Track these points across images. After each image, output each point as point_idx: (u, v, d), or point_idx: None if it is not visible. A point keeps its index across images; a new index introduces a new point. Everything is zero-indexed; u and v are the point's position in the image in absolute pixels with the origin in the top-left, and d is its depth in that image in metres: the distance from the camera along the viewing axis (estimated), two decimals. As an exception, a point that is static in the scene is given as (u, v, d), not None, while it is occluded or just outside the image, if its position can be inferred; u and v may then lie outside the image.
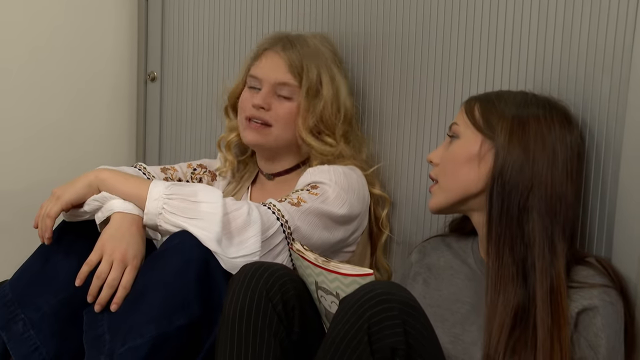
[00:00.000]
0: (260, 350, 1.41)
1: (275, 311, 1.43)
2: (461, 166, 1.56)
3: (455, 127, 1.59)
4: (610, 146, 1.58)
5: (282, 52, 1.83)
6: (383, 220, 1.91)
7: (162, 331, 1.48)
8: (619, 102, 1.56)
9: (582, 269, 1.51)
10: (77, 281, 1.55)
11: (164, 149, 2.41)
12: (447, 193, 1.59)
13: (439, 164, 1.61)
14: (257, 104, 1.82)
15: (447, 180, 1.59)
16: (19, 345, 1.58)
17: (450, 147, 1.59)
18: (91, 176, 1.64)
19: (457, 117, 1.60)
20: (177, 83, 2.35)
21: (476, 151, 1.54)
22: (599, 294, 1.46)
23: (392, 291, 1.32)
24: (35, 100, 2.24)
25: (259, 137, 1.84)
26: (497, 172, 1.51)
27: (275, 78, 1.83)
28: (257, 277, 1.43)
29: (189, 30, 2.31)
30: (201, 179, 1.97)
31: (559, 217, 1.49)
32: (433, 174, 1.62)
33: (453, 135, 1.59)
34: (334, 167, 1.81)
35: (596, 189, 1.61)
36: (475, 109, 1.56)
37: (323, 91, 1.83)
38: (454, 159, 1.57)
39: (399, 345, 1.28)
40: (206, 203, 1.57)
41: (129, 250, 1.56)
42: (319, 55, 1.86)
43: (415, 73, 1.87)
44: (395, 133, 1.93)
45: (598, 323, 1.44)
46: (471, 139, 1.55)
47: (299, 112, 1.83)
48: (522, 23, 1.69)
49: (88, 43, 2.33)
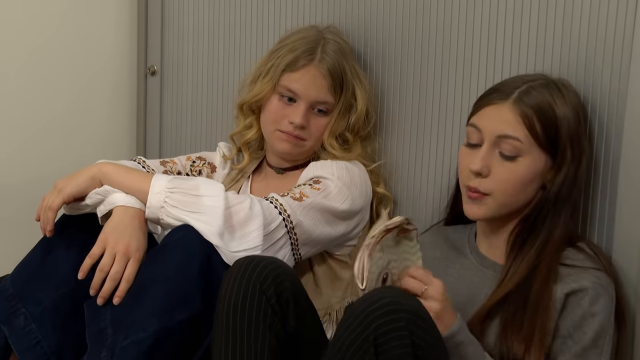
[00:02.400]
0: (256, 342, 1.41)
1: (270, 304, 1.42)
2: (526, 186, 1.51)
3: (517, 144, 1.49)
4: (610, 137, 1.58)
5: (324, 71, 1.80)
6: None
7: (163, 325, 1.48)
8: (619, 92, 1.56)
9: (574, 253, 1.52)
10: (80, 274, 1.56)
11: (165, 142, 2.41)
12: (501, 208, 1.53)
13: (488, 176, 1.51)
14: (299, 123, 1.80)
15: (506, 198, 1.52)
16: (20, 339, 1.58)
17: (513, 165, 1.50)
18: (94, 169, 1.64)
19: (512, 129, 1.49)
20: (177, 77, 2.35)
21: (540, 170, 1.51)
22: (589, 276, 1.47)
23: (400, 300, 1.29)
24: (36, 95, 2.24)
25: (294, 149, 1.84)
26: (556, 189, 1.51)
27: (316, 96, 1.81)
28: (251, 271, 1.43)
29: (188, 23, 2.30)
30: (200, 172, 1.97)
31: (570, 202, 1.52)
32: (483, 189, 1.52)
33: (515, 154, 1.50)
34: (336, 162, 1.82)
35: (597, 180, 1.61)
36: (536, 124, 1.49)
37: (358, 105, 1.84)
38: (521, 180, 1.50)
39: (406, 357, 1.26)
40: (208, 197, 1.57)
41: (132, 243, 1.56)
42: (349, 61, 1.85)
43: (416, 69, 1.87)
44: (396, 131, 1.92)
45: (586, 304, 1.45)
46: (537, 159, 1.51)
47: (330, 124, 1.83)
48: (523, 14, 1.68)
49: (88, 38, 2.33)
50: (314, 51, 1.81)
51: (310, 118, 1.82)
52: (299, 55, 1.81)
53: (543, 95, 1.51)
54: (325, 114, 1.83)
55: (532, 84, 1.53)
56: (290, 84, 1.81)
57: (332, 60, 1.81)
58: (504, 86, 1.56)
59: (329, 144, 1.83)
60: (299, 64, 1.81)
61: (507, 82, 1.58)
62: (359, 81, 1.85)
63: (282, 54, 1.83)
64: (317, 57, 1.81)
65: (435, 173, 1.85)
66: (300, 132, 1.82)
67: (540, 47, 1.66)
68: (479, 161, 1.51)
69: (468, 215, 1.56)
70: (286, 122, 1.82)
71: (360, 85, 1.85)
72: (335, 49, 1.82)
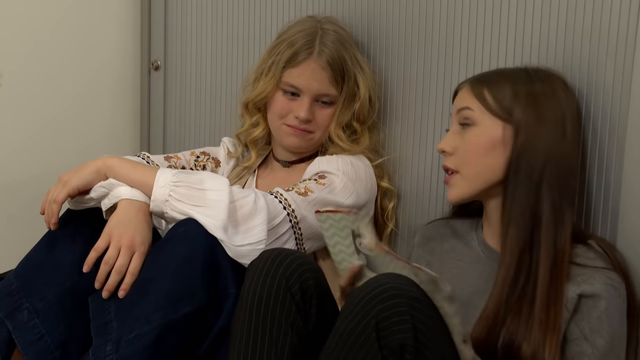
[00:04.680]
0: (277, 339, 1.41)
1: (294, 300, 1.41)
2: (484, 154, 1.52)
3: (468, 112, 1.55)
4: (614, 131, 1.58)
5: (324, 63, 1.80)
6: (389, 212, 1.92)
7: (168, 318, 1.48)
8: (623, 85, 1.56)
9: (584, 250, 1.51)
10: (85, 267, 1.56)
11: (168, 137, 2.41)
12: (471, 183, 1.55)
13: (453, 154, 1.56)
14: (304, 117, 1.81)
15: (470, 170, 1.54)
16: (24, 333, 1.58)
17: (466, 135, 1.55)
18: (99, 162, 1.65)
19: (466, 101, 1.56)
20: (180, 72, 2.35)
21: (499, 137, 1.52)
22: (601, 277, 1.46)
23: (401, 286, 1.29)
24: (39, 91, 2.24)
25: (303, 143, 1.86)
26: (516, 154, 1.50)
27: (318, 89, 1.82)
28: (277, 265, 1.42)
29: (192, 18, 2.30)
30: (205, 167, 1.97)
31: (567, 190, 1.50)
32: (451, 165, 1.57)
33: (467, 122, 1.55)
34: (341, 157, 1.82)
35: (600, 173, 1.61)
36: (485, 93, 1.54)
37: (360, 92, 1.85)
38: (476, 148, 1.53)
39: (408, 341, 1.26)
40: (213, 191, 1.57)
41: (137, 236, 1.56)
42: (349, 49, 1.85)
43: (419, 60, 1.87)
44: (399, 125, 1.93)
45: (602, 307, 1.45)
46: (490, 125, 1.53)
47: (335, 114, 1.84)
48: (526, 6, 1.69)
49: (92, 33, 2.33)
50: (312, 44, 1.82)
51: (315, 110, 1.83)
52: (297, 49, 1.81)
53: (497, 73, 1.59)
54: (329, 105, 1.84)
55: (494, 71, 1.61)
56: (292, 80, 1.82)
57: (330, 51, 1.81)
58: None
59: (336, 135, 1.84)
60: (299, 58, 1.81)
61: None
62: (360, 69, 1.85)
63: (282, 49, 1.83)
64: (316, 49, 1.81)
65: (439, 166, 1.85)
66: (307, 125, 1.83)
67: (544, 40, 1.67)
68: (442, 140, 1.58)
69: (449, 201, 1.60)
70: (292, 117, 1.83)
71: (361, 72, 1.85)
72: (333, 39, 1.83)
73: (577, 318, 1.46)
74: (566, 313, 1.46)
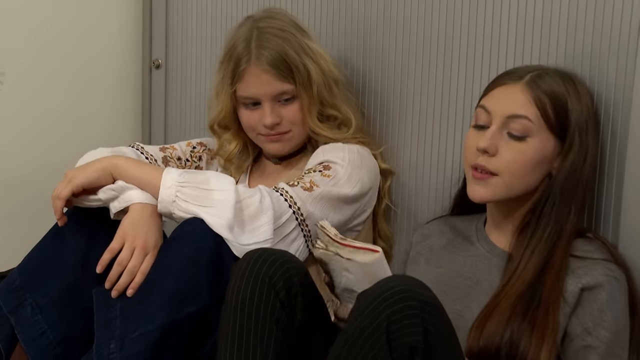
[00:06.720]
0: (262, 337, 1.41)
1: (278, 298, 1.42)
2: (533, 169, 1.51)
3: (527, 122, 1.50)
4: (616, 130, 1.59)
5: (266, 66, 1.77)
6: (385, 190, 1.91)
7: (173, 318, 1.48)
8: (625, 86, 1.57)
9: (583, 243, 1.53)
10: (99, 268, 1.56)
11: (169, 135, 2.41)
12: (509, 189, 1.52)
13: (495, 156, 1.51)
14: (270, 123, 1.80)
15: (514, 179, 1.51)
16: (26, 329, 1.59)
17: (520, 144, 1.50)
18: (105, 161, 1.64)
19: (524, 108, 1.50)
20: (181, 70, 2.35)
21: (550, 153, 1.52)
22: (601, 269, 1.48)
23: (412, 289, 1.30)
24: (40, 89, 2.24)
25: (284, 146, 1.85)
26: (564, 173, 1.51)
27: (272, 91, 1.79)
28: (260, 265, 1.43)
29: (193, 17, 2.30)
30: (201, 157, 1.97)
31: (585, 204, 1.53)
32: (491, 167, 1.51)
33: (524, 134, 1.50)
34: (348, 145, 1.82)
35: (602, 172, 1.61)
36: (548, 108, 1.50)
37: (312, 75, 1.80)
38: (530, 160, 1.50)
39: (418, 344, 1.26)
40: (218, 191, 1.57)
41: (150, 238, 1.57)
42: (290, 39, 1.80)
43: (418, 52, 1.87)
44: (397, 114, 1.93)
45: (603, 298, 1.46)
46: (546, 139, 1.51)
47: (303, 107, 1.81)
48: (527, 6, 1.69)
49: (93, 31, 2.33)
50: (248, 50, 1.78)
51: (280, 111, 1.81)
52: (237, 61, 1.79)
53: (557, 83, 1.52)
54: (292, 99, 1.81)
55: (545, 70, 1.55)
56: (244, 92, 1.80)
57: (268, 51, 1.77)
58: (516, 70, 1.58)
59: (315, 125, 1.83)
60: (240, 69, 1.79)
61: (519, 67, 1.60)
62: (306, 54, 1.80)
63: (225, 64, 1.82)
64: (253, 55, 1.78)
65: (437, 162, 1.87)
66: (278, 128, 1.82)
67: (545, 40, 1.67)
68: (486, 139, 1.51)
69: (472, 198, 1.55)
70: (261, 126, 1.82)
71: (309, 57, 1.80)
72: (269, 36, 1.78)
73: (578, 312, 1.47)
74: (567, 307, 1.47)
